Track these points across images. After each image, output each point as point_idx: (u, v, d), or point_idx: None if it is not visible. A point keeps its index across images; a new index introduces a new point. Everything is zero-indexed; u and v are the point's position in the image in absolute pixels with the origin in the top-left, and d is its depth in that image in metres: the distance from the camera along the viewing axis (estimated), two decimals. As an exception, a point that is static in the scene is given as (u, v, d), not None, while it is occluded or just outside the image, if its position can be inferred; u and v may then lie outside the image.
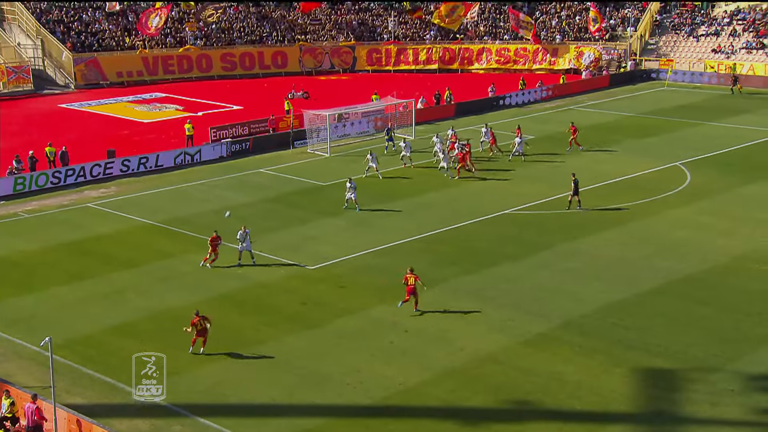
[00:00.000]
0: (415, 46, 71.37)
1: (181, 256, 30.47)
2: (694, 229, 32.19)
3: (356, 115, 50.23)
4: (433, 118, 52.67)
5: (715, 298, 26.16)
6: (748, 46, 64.51)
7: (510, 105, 56.77)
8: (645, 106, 55.82)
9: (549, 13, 72.75)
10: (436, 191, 37.62)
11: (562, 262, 29.42)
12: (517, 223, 33.69)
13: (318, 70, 71.02)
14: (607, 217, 33.96)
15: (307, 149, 46.19)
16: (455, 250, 30.80)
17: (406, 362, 22.68)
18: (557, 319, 24.86)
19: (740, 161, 41.72)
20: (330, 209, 35.73)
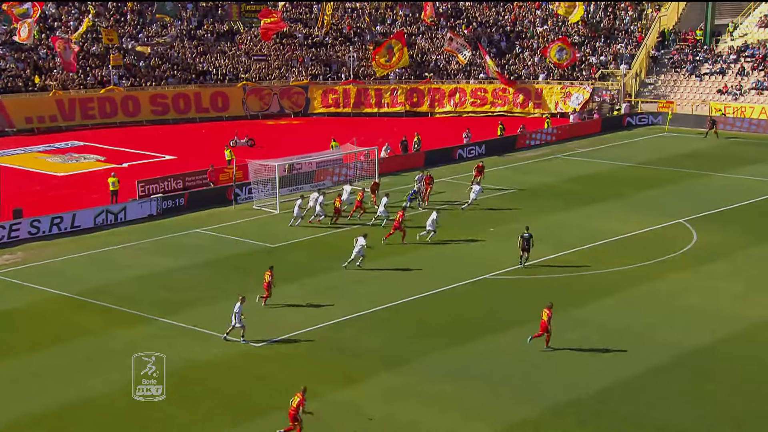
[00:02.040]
0: (377, 86, 72.51)
1: (105, 333, 30.17)
2: (703, 294, 32.72)
3: (310, 165, 50.63)
4: (399, 168, 53.28)
5: (731, 373, 26.49)
6: (758, 86, 66.65)
7: (488, 153, 57.62)
8: (643, 154, 57.10)
9: (531, 48, 74.58)
10: (405, 252, 37.85)
11: (553, 334, 29.61)
12: (500, 288, 33.97)
13: (265, 114, 71.67)
14: (603, 281, 34.41)
15: (252, 205, 46.31)
16: (429, 322, 30.90)
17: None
18: (547, 404, 24.93)
19: (753, 217, 42.67)
20: (280, 276, 35.63)
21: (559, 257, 36.56)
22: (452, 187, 48.42)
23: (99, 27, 72.10)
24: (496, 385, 26.05)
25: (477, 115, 70.24)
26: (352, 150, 51.67)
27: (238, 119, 69.24)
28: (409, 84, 72.34)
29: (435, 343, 29.13)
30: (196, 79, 71.46)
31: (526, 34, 76.53)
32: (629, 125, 66.23)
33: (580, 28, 75.29)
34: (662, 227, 41.04)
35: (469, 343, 29.08)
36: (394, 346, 28.89)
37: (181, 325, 30.81)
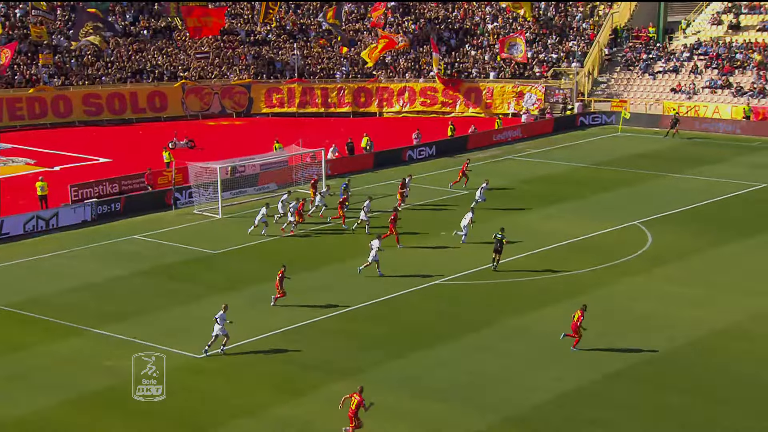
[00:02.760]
0: (323, 85, 72.37)
1: (34, 348, 29.61)
2: (659, 299, 33.15)
3: (254, 167, 50.35)
4: (347, 170, 53.24)
5: (687, 382, 26.83)
6: (712, 84, 67.93)
7: (438, 154, 57.88)
8: (596, 155, 57.79)
9: (481, 46, 75.09)
10: (353, 258, 37.82)
11: (507, 342, 29.85)
12: (452, 294, 34.10)
13: (205, 114, 71.11)
14: (557, 286, 34.73)
15: (193, 210, 45.93)
16: (379, 330, 30.91)
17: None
18: (500, 414, 25.06)
19: (708, 219, 43.42)
20: (223, 283, 35.44)
21: (514, 261, 36.78)
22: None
23: (27, 23, 70.93)
24: (450, 395, 26.11)
25: (427, 115, 70.49)
26: (298, 152, 51.50)
27: (177, 120, 68.59)
28: (356, 83, 72.32)
29: (385, 352, 29.13)
30: (131, 77, 70.62)
31: (475, 31, 77.03)
32: (582, 125, 67.05)
33: (531, 25, 76.00)
34: (617, 230, 41.57)
35: (421, 351, 29.11)
36: (343, 357, 28.83)
37: (119, 336, 30.38)
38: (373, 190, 48.61)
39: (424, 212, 44.49)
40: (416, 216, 43.98)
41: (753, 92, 65.90)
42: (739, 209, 44.94)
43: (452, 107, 70.96)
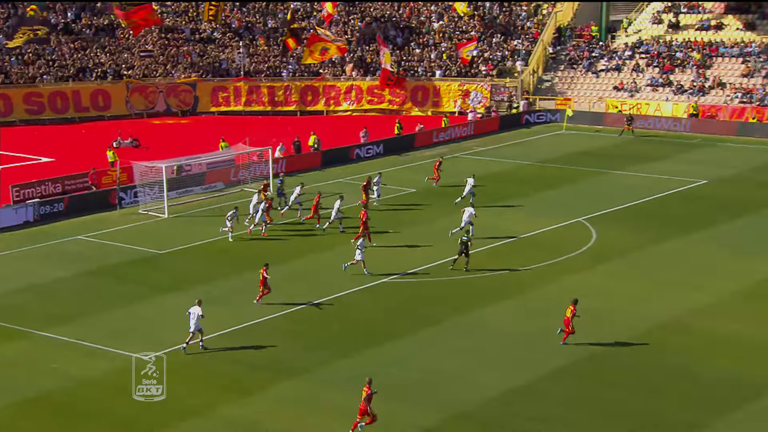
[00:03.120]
0: (270, 83, 72.08)
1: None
2: (602, 296, 33.57)
3: (200, 166, 50.01)
4: (295, 168, 53.12)
5: (629, 377, 27.21)
6: (653, 82, 68.99)
7: (385, 152, 58.01)
8: (541, 152, 58.35)
9: (427, 45, 75.38)
10: (303, 257, 37.79)
11: (455, 339, 30.04)
12: (400, 292, 34.18)
13: (150, 113, 70.41)
14: (502, 283, 35.01)
15: (138, 209, 45.48)
16: (327, 329, 30.90)
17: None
18: (449, 410, 25.22)
19: (653, 215, 44.04)
20: (170, 283, 35.15)
21: (461, 258, 36.97)
22: (349, 188, 48.49)
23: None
24: (399, 393, 26.18)
25: (374, 114, 70.59)
26: (245, 150, 51.27)
27: (121, 118, 67.87)
28: (303, 81, 72.14)
29: (334, 351, 29.13)
30: (74, 76, 69.63)
31: (421, 30, 77.31)
32: (527, 123, 67.66)
33: (476, 24, 76.50)
34: (562, 226, 42.01)
35: (370, 349, 29.18)
36: (291, 356, 28.78)
37: (64, 339, 29.99)
38: (321, 189, 48.51)
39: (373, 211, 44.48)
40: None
41: (693, 90, 67.06)
42: (680, 206, 45.66)
43: (399, 105, 71.14)
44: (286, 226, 42.28)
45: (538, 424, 24.50)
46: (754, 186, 49.00)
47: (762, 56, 67.45)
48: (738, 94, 65.18)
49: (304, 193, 43.57)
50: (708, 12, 74.37)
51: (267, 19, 78.68)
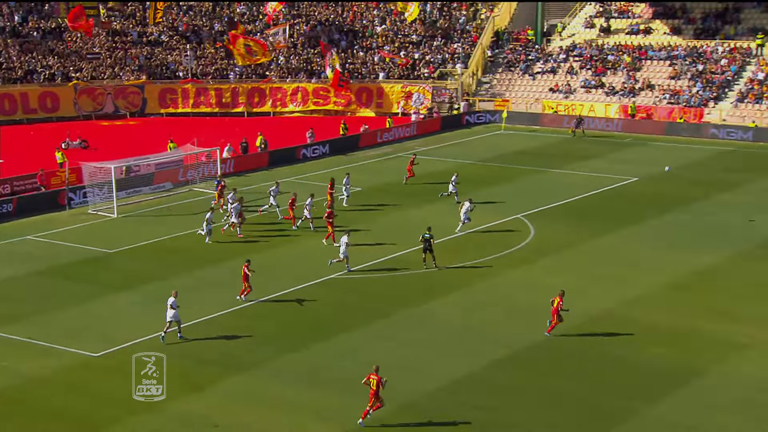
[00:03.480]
0: (217, 85, 71.50)
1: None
2: (541, 289, 33.73)
3: (149, 167, 49.41)
4: (242, 169, 52.81)
5: (568, 367, 27.51)
6: (586, 84, 69.86)
7: (331, 152, 57.90)
8: (481, 152, 58.74)
9: (371, 48, 75.39)
10: (255, 253, 37.50)
11: (403, 332, 30.09)
12: (347, 288, 34.10)
13: (98, 114, 69.38)
14: (448, 278, 35.15)
15: (87, 210, 44.79)
16: (277, 324, 30.72)
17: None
18: (397, 401, 25.25)
19: (589, 211, 44.56)
20: (121, 282, 34.66)
21: (404, 255, 37.08)
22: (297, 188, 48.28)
23: None
24: (347, 386, 26.11)
25: (320, 115, 70.44)
26: (193, 151, 50.81)
27: (69, 120, 66.78)
28: (250, 83, 71.69)
29: (283, 345, 28.97)
30: (22, 78, 68.27)
31: (365, 33, 77.31)
32: (468, 123, 68.06)
33: (417, 27, 76.72)
34: (502, 223, 42.30)
35: (318, 344, 29.08)
36: (241, 351, 28.57)
37: (14, 338, 29.40)
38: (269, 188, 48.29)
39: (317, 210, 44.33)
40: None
41: (624, 91, 68.05)
42: (613, 202, 46.27)
43: (344, 107, 71.08)
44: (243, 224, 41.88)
45: (483, 412, 24.63)
46: (682, 183, 49.86)
47: (687, 59, 68.69)
48: (666, 96, 66.31)
49: (280, 192, 43.10)
50: (637, 17, 75.55)
51: (213, 22, 77.98)
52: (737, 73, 66.38)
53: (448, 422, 24.11)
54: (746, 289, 33.10)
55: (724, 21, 71.91)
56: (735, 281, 34.13)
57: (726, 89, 65.55)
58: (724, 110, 63.79)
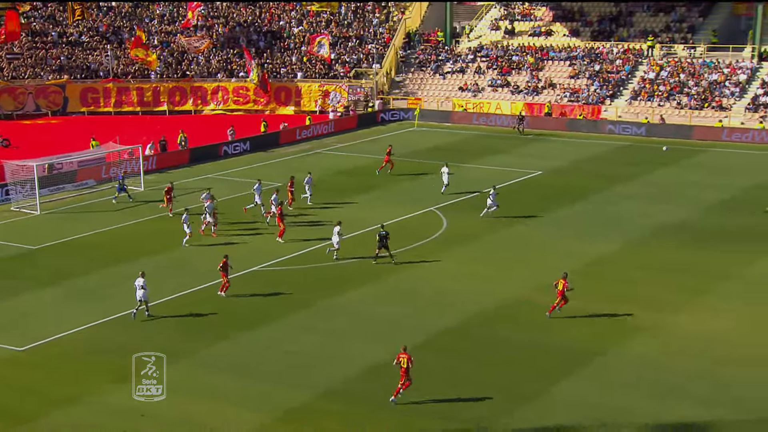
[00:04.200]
0: (139, 84, 70.02)
1: None
2: (454, 277, 34.10)
3: (71, 164, 48.11)
4: (164, 165, 51.88)
5: (481, 350, 27.77)
6: (493, 83, 70.64)
7: (252, 149, 57.30)
8: (396, 147, 58.59)
9: (288, 48, 74.81)
10: (178, 249, 36.84)
11: (324, 321, 29.93)
12: (270, 280, 33.79)
13: (20, 114, 67.19)
14: (366, 269, 35.10)
15: (10, 207, 43.38)
16: (200, 316, 30.22)
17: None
18: (321, 387, 25.14)
19: (499, 203, 44.99)
20: (46, 278, 33.62)
21: (324, 247, 36.87)
22: (219, 183, 47.68)
23: None
24: (272, 374, 25.90)
25: (241, 113, 69.64)
26: (115, 149, 49.67)
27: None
28: (171, 83, 70.41)
29: (208, 337, 28.54)
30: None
31: (282, 34, 76.68)
32: (383, 121, 68.14)
33: (333, 28, 76.44)
34: (416, 215, 42.46)
35: (242, 335, 28.73)
36: (170, 342, 28.01)
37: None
38: (190, 184, 47.62)
39: (238, 204, 43.83)
40: (230, 210, 43.27)
41: (528, 90, 69.04)
42: (520, 194, 46.83)
43: (264, 105, 70.42)
44: (167, 218, 41.08)
45: (400, 395, 24.65)
46: (583, 176, 50.81)
47: (585, 59, 70.04)
48: (566, 94, 67.50)
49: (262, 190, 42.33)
50: (539, 20, 76.69)
51: (134, 23, 76.26)
52: (630, 73, 67.98)
53: (370, 405, 24.07)
54: (642, 274, 33.89)
55: (618, 24, 73.54)
56: (632, 267, 34.91)
57: (621, 87, 67.07)
58: (619, 107, 65.27)
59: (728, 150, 56.16)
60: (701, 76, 65.09)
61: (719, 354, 26.94)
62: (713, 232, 38.92)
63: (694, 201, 44.06)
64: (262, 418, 23.50)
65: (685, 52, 68.08)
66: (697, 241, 37.79)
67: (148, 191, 46.16)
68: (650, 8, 73.13)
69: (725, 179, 48.50)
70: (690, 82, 64.96)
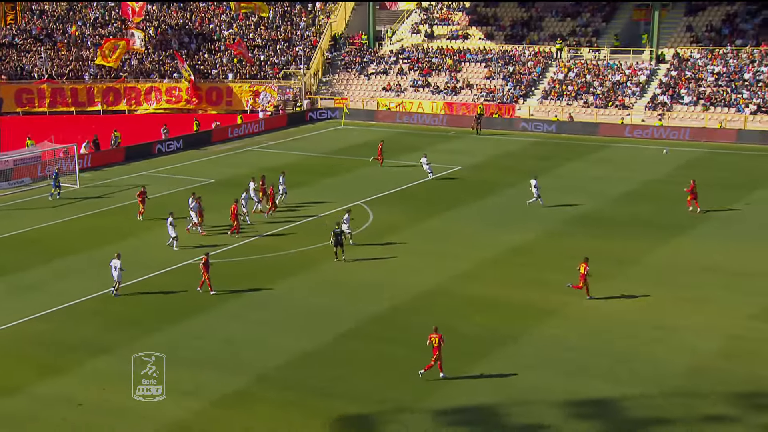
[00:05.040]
0: (73, 85, 68.28)
1: None
2: (381, 267, 34.20)
3: (7, 163, 46.70)
4: (100, 164, 50.77)
5: (404, 336, 27.90)
6: (414, 84, 70.95)
7: (185, 147, 56.48)
8: (324, 145, 58.68)
9: (220, 51, 73.88)
10: (106, 245, 36.06)
11: (254, 312, 29.70)
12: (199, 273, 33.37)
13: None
14: (297, 260, 34.94)
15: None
16: (135, 309, 29.71)
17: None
18: (252, 374, 24.96)
19: (419, 197, 45.30)
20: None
21: (256, 241, 36.56)
22: (153, 180, 46.83)
23: None
24: (205, 362, 25.62)
25: (173, 113, 68.49)
26: (50, 147, 48.40)
27: (-75, 119, 62.04)
28: (104, 84, 68.85)
29: (144, 327, 28.07)
30: None
31: (213, 36, 75.64)
32: (311, 120, 67.84)
33: (262, 31, 75.73)
34: (344, 209, 42.31)
35: (176, 325, 28.33)
36: (101, 335, 27.47)
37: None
38: (125, 181, 46.69)
39: (161, 200, 43.11)
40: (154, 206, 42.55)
41: (447, 90, 69.53)
42: (440, 189, 47.14)
43: (196, 105, 69.42)
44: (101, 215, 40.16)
45: (330, 381, 24.66)
46: (499, 170, 51.42)
47: (500, 61, 70.88)
48: (483, 94, 68.21)
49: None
50: (456, 24, 77.25)
51: (66, 26, 74.26)
52: (541, 74, 69.04)
53: (301, 390, 24.00)
54: (555, 261, 34.46)
55: (529, 28, 74.58)
56: (546, 255, 35.46)
57: (533, 88, 68.07)
58: (531, 106, 66.25)
59: (630, 145, 57.55)
60: (605, 77, 66.50)
61: (625, 333, 27.62)
62: (618, 222, 39.85)
63: (601, 193, 45.03)
64: (197, 405, 23.23)
65: (591, 54, 69.44)
66: (603, 230, 38.64)
67: (83, 188, 45.12)
68: (558, 14, 74.37)
69: (628, 173, 49.68)
70: (595, 82, 66.31)
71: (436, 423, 22.44)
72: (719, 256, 34.50)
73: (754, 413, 22.55)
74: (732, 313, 28.90)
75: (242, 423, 22.39)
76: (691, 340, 26.91)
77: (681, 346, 26.45)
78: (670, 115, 61.47)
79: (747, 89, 61.19)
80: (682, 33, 68.45)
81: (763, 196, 43.40)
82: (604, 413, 22.82)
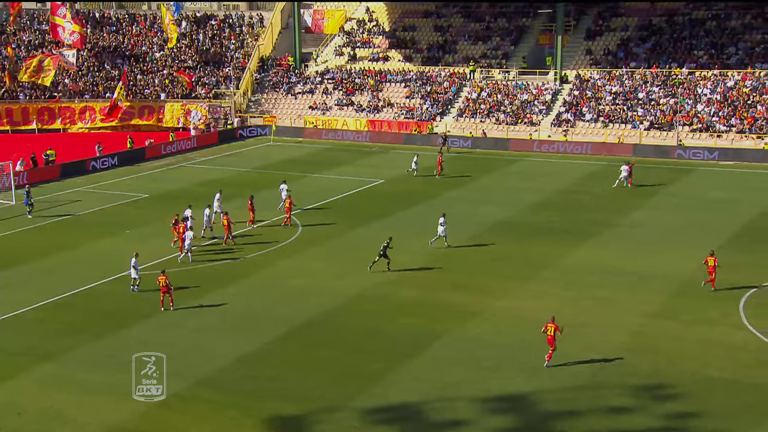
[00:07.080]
0: (8, 105, 66.10)
1: None
2: (310, 275, 34.11)
3: (-58, 181, 44.92)
4: (36, 180, 49.28)
5: (334, 339, 27.90)
6: (339, 103, 71.05)
7: (120, 164, 55.25)
8: (255, 161, 58.20)
9: (152, 71, 72.64)
10: (57, 252, 35.03)
11: (192, 319, 29.23)
12: (144, 282, 32.65)
13: None
14: (230, 270, 34.56)
15: None
16: (80, 316, 29.00)
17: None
18: (192, 378, 24.56)
19: (345, 208, 45.36)
20: None
21: (196, 249, 35.97)
22: (87, 196, 45.64)
23: None
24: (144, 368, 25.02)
25: (108, 131, 66.94)
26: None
27: None
28: (39, 103, 66.86)
29: (83, 337, 27.36)
30: None
31: (145, 58, 74.32)
32: (241, 137, 67.23)
33: (193, 53, 74.80)
34: (274, 221, 42.10)
35: (116, 333, 27.67)
36: (46, 342, 26.66)
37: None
38: (62, 197, 45.39)
39: (97, 216, 42.08)
40: (87, 219, 41.52)
41: (370, 108, 69.84)
42: (365, 200, 47.31)
43: (130, 123, 68.01)
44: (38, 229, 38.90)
45: (266, 382, 24.49)
46: (419, 183, 51.81)
47: (418, 82, 71.61)
48: (403, 112, 68.76)
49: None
50: (377, 47, 77.75)
51: (1, 48, 71.86)
52: (456, 93, 70.04)
53: (237, 392, 23.72)
54: (479, 265, 34.86)
55: (444, 51, 75.59)
56: (470, 259, 35.82)
57: (449, 106, 68.97)
58: (448, 123, 67.07)
59: (539, 159, 58.82)
60: (514, 96, 67.88)
61: (539, 332, 28.14)
62: (532, 228, 40.63)
63: (514, 202, 45.87)
64: (136, 406, 22.71)
65: (501, 75, 70.80)
66: (519, 235, 39.34)
67: (18, 205, 43.61)
68: (471, 38, 75.64)
69: (538, 184, 50.75)
70: (505, 101, 67.60)
71: (365, 421, 22.47)
72: (623, 259, 35.52)
73: (657, 403, 23.26)
74: (635, 311, 29.79)
75: (178, 424, 21.99)
76: (598, 336, 27.61)
77: (589, 342, 27.11)
78: (574, 131, 63.11)
79: (641, 107, 63.34)
80: (583, 56, 70.46)
81: (659, 204, 44.94)
82: (519, 407, 23.19)
